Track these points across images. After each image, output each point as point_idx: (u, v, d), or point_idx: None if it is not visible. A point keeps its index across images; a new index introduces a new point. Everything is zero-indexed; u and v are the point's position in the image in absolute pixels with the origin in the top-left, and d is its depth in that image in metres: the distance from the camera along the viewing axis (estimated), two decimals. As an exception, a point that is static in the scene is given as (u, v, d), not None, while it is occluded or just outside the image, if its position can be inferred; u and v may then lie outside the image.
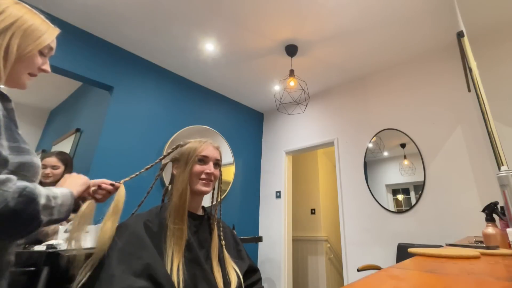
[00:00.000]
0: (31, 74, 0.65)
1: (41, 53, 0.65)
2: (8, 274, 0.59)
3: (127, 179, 0.85)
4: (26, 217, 0.51)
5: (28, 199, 0.51)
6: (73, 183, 0.69)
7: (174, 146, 0.94)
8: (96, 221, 0.78)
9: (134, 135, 2.50)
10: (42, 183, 1.63)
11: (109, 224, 0.72)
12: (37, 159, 0.63)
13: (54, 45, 0.69)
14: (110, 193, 0.79)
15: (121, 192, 0.79)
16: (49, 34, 0.66)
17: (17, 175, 0.54)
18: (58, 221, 0.60)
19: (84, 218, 0.71)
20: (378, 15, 2.10)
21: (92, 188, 0.75)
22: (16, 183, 0.50)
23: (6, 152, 0.54)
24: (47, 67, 0.66)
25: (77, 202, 0.70)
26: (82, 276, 0.65)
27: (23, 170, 0.58)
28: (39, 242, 1.14)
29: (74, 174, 0.73)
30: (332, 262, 3.56)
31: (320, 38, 2.39)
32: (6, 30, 0.58)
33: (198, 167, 0.86)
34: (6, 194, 0.47)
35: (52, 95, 3.79)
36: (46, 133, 4.06)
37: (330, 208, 3.84)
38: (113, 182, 0.80)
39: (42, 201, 0.54)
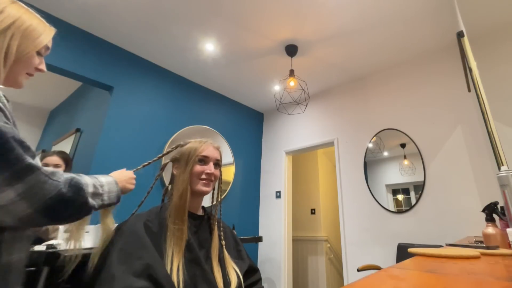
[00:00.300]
0: (28, 74, 0.65)
1: (38, 53, 0.65)
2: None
3: (138, 168, 0.90)
4: (77, 203, 0.58)
5: (76, 188, 0.57)
6: (120, 176, 0.77)
7: (174, 146, 0.94)
8: (95, 221, 0.79)
9: (134, 135, 2.50)
10: None
11: (108, 220, 0.76)
12: (37, 160, 0.63)
13: (50, 44, 0.69)
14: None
15: None
16: (46, 34, 0.66)
17: None
18: (111, 205, 0.70)
19: (107, 221, 0.75)
20: (378, 15, 2.11)
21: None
22: (63, 174, 0.56)
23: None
24: (43, 66, 0.67)
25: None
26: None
27: None
28: (40, 241, 1.14)
29: (122, 170, 0.82)
30: (332, 262, 3.56)
31: (320, 38, 2.39)
32: (6, 31, 0.58)
33: (198, 168, 0.86)
34: (57, 183, 0.54)
35: (52, 95, 3.78)
36: (46, 133, 4.06)
37: (330, 208, 3.84)
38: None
39: (90, 189, 0.61)
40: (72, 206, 0.57)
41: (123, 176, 0.78)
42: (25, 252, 0.60)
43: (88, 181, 0.62)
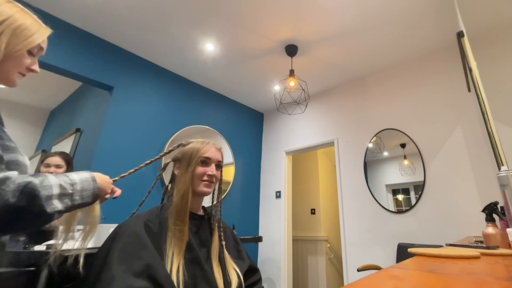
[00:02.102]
0: (20, 73, 0.64)
1: (30, 53, 0.64)
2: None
3: (117, 178, 0.82)
4: (32, 212, 0.52)
5: (30, 195, 0.51)
6: (99, 176, 0.71)
7: (176, 145, 0.93)
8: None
9: (134, 135, 2.50)
10: None
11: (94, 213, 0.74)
12: (23, 158, 0.62)
13: (44, 45, 0.67)
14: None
15: None
16: (40, 34, 0.65)
17: None
18: (83, 205, 0.63)
19: (94, 217, 0.73)
20: (378, 15, 2.11)
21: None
22: (16, 180, 0.51)
23: None
24: (36, 67, 0.66)
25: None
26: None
27: (8, 169, 0.56)
28: (40, 241, 1.13)
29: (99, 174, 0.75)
30: (332, 262, 3.56)
31: (320, 38, 2.39)
32: None
33: (200, 169, 0.86)
34: (4, 192, 0.48)
35: (52, 95, 3.79)
36: (46, 133, 4.06)
37: (330, 208, 3.84)
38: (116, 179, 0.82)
39: (55, 191, 0.55)
40: (25, 216, 0.51)
41: (104, 177, 0.73)
42: None
43: (52, 181, 0.56)
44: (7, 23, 0.58)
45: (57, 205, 0.56)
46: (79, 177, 0.63)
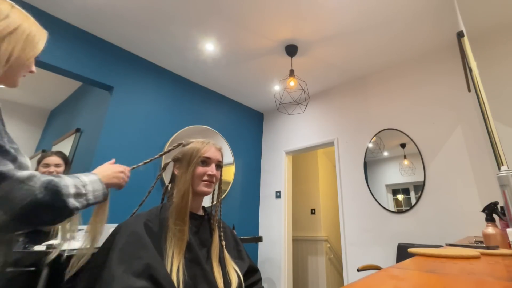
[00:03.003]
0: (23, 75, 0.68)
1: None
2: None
3: (135, 166, 0.89)
4: (56, 207, 0.57)
5: (53, 192, 0.56)
6: (104, 171, 0.75)
7: (176, 144, 0.94)
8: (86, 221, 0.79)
9: (134, 135, 2.50)
10: None
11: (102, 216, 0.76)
12: (25, 159, 0.63)
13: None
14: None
15: None
16: (43, 39, 0.69)
17: None
18: (97, 203, 0.70)
19: (77, 219, 0.74)
20: (378, 15, 2.11)
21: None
22: (40, 178, 0.56)
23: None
24: (33, 68, 0.70)
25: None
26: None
27: None
28: (40, 241, 1.13)
29: (108, 164, 0.80)
30: (332, 262, 3.56)
31: (320, 38, 2.39)
32: (10, 36, 0.60)
33: (200, 169, 0.86)
34: (33, 188, 0.53)
35: (52, 95, 3.79)
36: (46, 133, 4.06)
37: (330, 208, 3.84)
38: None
39: (72, 190, 0.60)
40: (50, 210, 0.57)
41: (108, 170, 0.76)
42: (3, 256, 0.60)
43: (68, 182, 0.61)
44: (18, 32, 0.62)
45: (75, 203, 0.61)
46: (89, 179, 0.68)
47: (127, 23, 2.28)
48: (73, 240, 0.74)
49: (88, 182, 0.67)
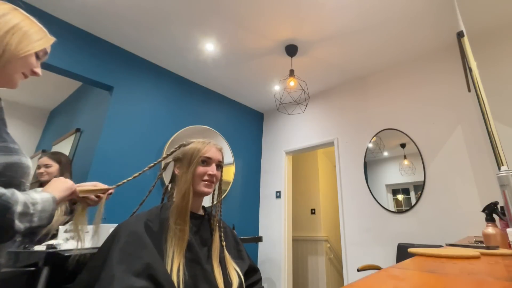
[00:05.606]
0: (23, 74, 0.65)
1: (37, 55, 0.66)
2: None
3: (120, 183, 0.85)
4: (1, 225, 0.49)
5: (2, 208, 0.49)
6: (57, 188, 0.67)
7: (177, 146, 0.94)
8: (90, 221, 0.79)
9: (134, 135, 2.50)
10: (39, 182, 1.65)
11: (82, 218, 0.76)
12: (26, 159, 0.63)
13: (49, 50, 0.70)
14: (100, 199, 0.79)
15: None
16: (47, 40, 0.68)
17: (3, 177, 0.54)
18: (39, 228, 0.58)
19: (78, 220, 0.73)
20: (378, 15, 2.11)
21: (82, 195, 0.74)
22: None
23: None
24: (39, 70, 0.68)
25: (71, 204, 0.73)
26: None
27: (11, 171, 0.57)
28: (39, 241, 1.13)
29: (60, 178, 0.71)
30: (332, 262, 3.56)
31: (320, 38, 2.39)
32: (7, 32, 0.59)
33: (201, 169, 0.86)
34: None
35: (52, 95, 3.78)
36: (46, 133, 4.06)
37: (330, 208, 3.84)
38: (106, 187, 0.80)
39: (19, 208, 0.52)
40: None
41: (60, 185, 0.68)
42: None
43: (19, 198, 0.53)
44: (18, 26, 0.61)
45: (19, 224, 0.52)
46: (41, 197, 0.59)
47: (127, 23, 2.28)
48: (73, 240, 0.74)
49: (40, 200, 0.58)
